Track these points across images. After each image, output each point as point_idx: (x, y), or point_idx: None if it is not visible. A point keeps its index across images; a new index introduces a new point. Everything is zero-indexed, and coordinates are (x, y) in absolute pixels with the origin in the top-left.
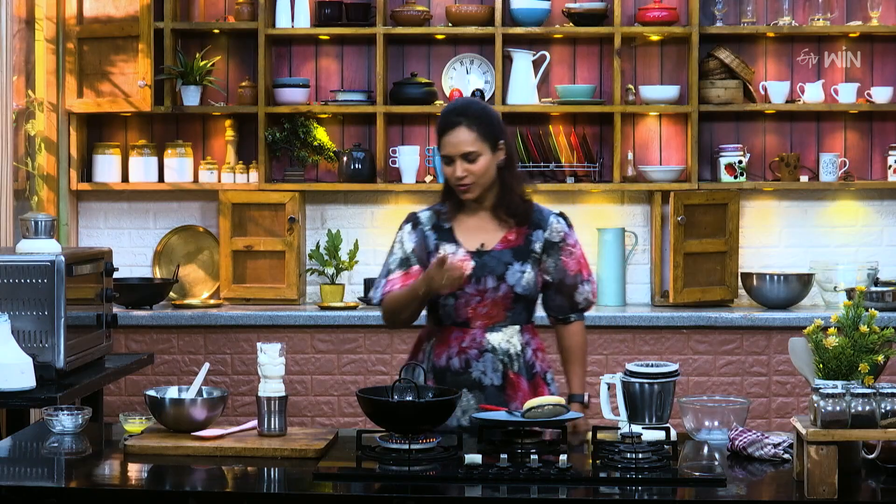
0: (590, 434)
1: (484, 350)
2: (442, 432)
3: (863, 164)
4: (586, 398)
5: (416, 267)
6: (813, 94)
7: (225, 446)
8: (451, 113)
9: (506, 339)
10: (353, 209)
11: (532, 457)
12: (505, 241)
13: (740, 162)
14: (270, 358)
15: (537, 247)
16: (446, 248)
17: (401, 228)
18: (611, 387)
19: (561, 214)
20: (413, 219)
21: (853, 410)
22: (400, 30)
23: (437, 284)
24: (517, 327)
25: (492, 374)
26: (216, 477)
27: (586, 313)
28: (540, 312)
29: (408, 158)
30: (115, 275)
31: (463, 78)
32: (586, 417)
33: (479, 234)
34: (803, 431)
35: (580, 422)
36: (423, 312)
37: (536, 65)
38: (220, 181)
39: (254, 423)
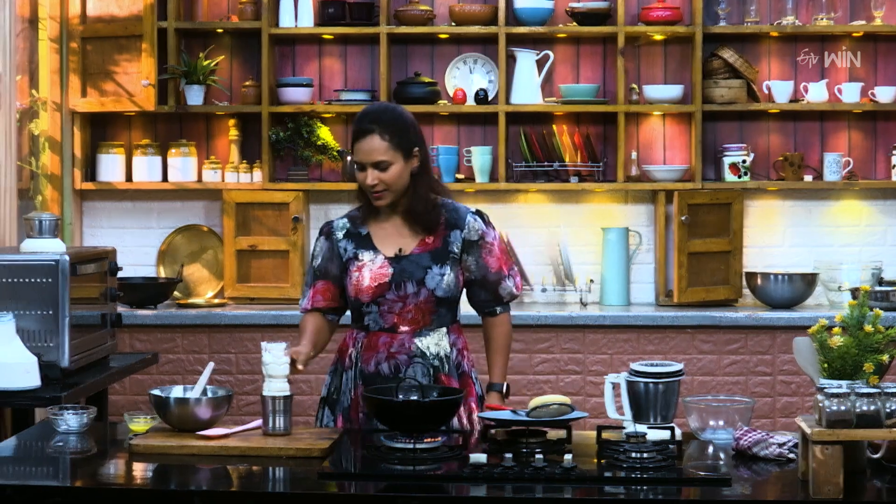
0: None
1: (413, 356)
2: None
3: (867, 164)
4: (505, 388)
5: (321, 283)
6: (817, 93)
7: (230, 445)
8: (364, 119)
9: (434, 342)
10: None
11: (537, 456)
12: (423, 245)
13: (744, 161)
14: (275, 357)
15: (455, 247)
16: (365, 256)
17: (318, 237)
18: (615, 386)
19: (478, 212)
20: (326, 229)
21: (858, 410)
22: (403, 29)
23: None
24: (444, 329)
25: (422, 379)
26: (221, 476)
27: (513, 304)
28: (466, 310)
29: None
30: (120, 274)
31: (466, 77)
32: (588, 418)
33: (395, 238)
34: (808, 431)
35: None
36: (347, 314)
37: (540, 64)
38: (223, 180)
39: (258, 422)
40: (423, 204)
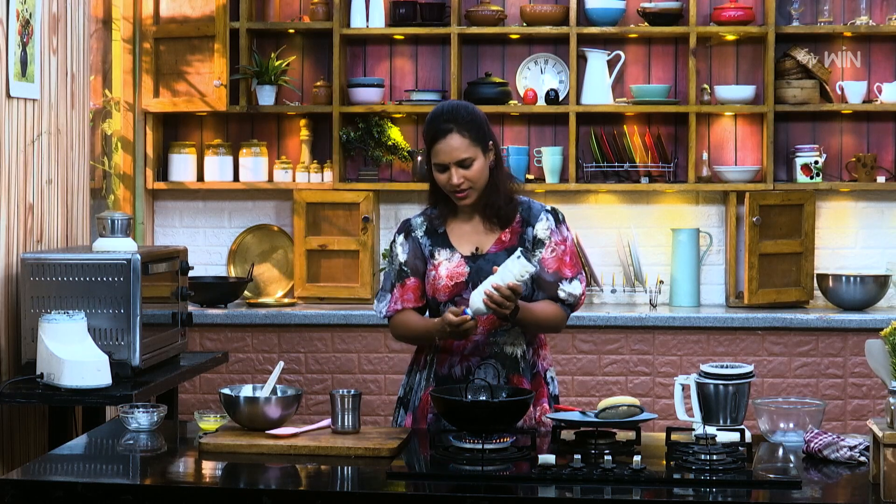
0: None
1: (487, 357)
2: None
3: None
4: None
5: (412, 280)
6: (890, 94)
7: (299, 445)
8: (439, 119)
9: (510, 341)
10: None
11: (606, 457)
12: (499, 243)
13: (816, 162)
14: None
15: (529, 245)
16: (441, 255)
17: (394, 238)
18: (685, 388)
19: (552, 210)
20: (405, 227)
21: None
22: (474, 29)
23: (448, 338)
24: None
25: (492, 380)
26: (290, 475)
27: (574, 312)
28: None
29: None
30: (190, 273)
31: (537, 78)
32: (657, 419)
33: (472, 237)
34: (879, 434)
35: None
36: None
37: (611, 64)
38: (294, 180)
39: (327, 421)
40: (503, 198)
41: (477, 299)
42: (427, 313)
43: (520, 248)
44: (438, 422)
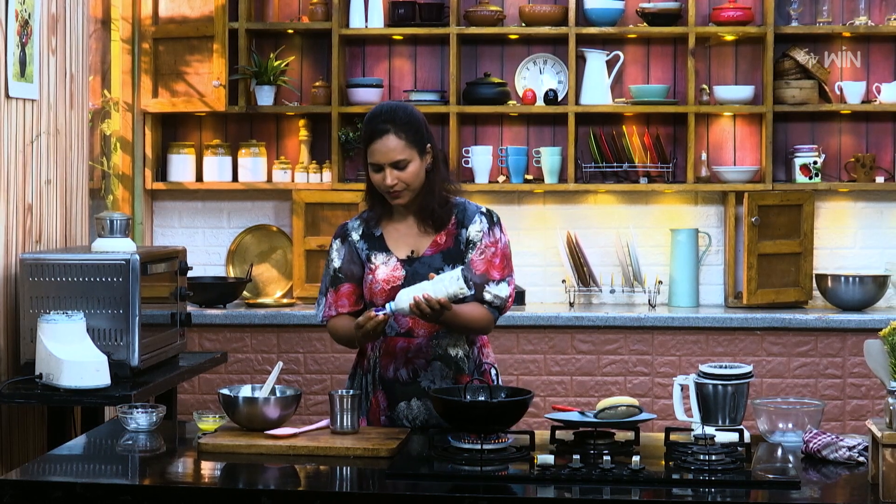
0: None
1: (432, 359)
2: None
3: None
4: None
5: (346, 286)
6: (889, 94)
7: (298, 445)
8: (377, 119)
9: (452, 342)
10: None
11: (605, 458)
12: (435, 246)
13: (815, 163)
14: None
15: (464, 246)
16: (378, 258)
17: (332, 242)
18: (684, 388)
19: (487, 212)
20: (342, 232)
21: None
22: (473, 30)
23: (363, 341)
24: None
25: (440, 382)
26: (289, 475)
27: (502, 315)
28: None
29: (481, 158)
30: (189, 274)
31: (536, 78)
32: (656, 419)
33: (408, 239)
34: (878, 434)
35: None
36: None
37: (610, 65)
38: (293, 181)
39: (326, 422)
40: (437, 201)
41: (404, 299)
42: None
43: (461, 269)
44: (392, 424)
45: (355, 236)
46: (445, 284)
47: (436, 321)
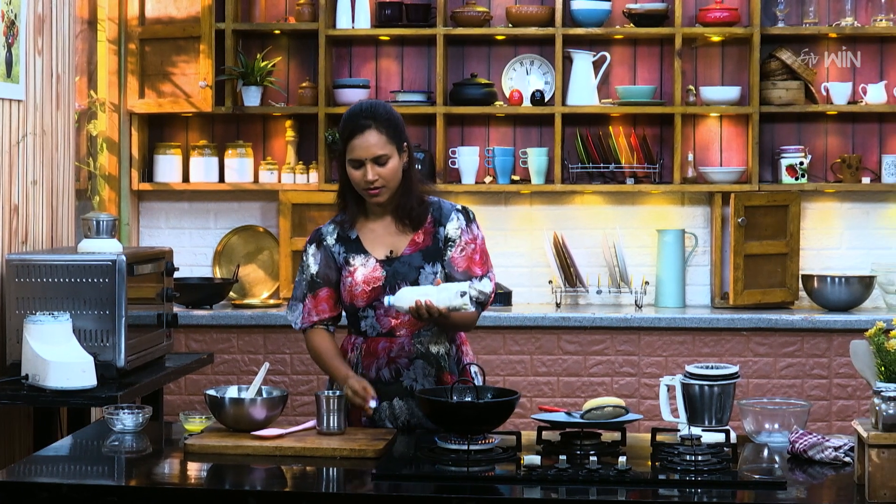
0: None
1: (414, 357)
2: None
3: None
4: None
5: (324, 290)
6: (875, 95)
7: (284, 446)
8: (358, 115)
9: (433, 340)
10: None
11: (591, 458)
12: (413, 244)
13: (801, 163)
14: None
15: (442, 244)
16: (356, 260)
17: (305, 248)
18: (670, 388)
19: (463, 209)
20: (316, 237)
21: None
22: (460, 30)
23: (342, 390)
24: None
25: (423, 381)
26: (275, 476)
27: (485, 311)
28: None
29: (467, 159)
30: (176, 274)
31: (523, 79)
32: (643, 420)
33: (385, 239)
34: (864, 434)
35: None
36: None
37: (597, 66)
38: (280, 181)
39: (313, 422)
40: (414, 199)
41: (406, 299)
42: (343, 319)
43: (469, 283)
44: (374, 424)
45: (330, 241)
46: (450, 296)
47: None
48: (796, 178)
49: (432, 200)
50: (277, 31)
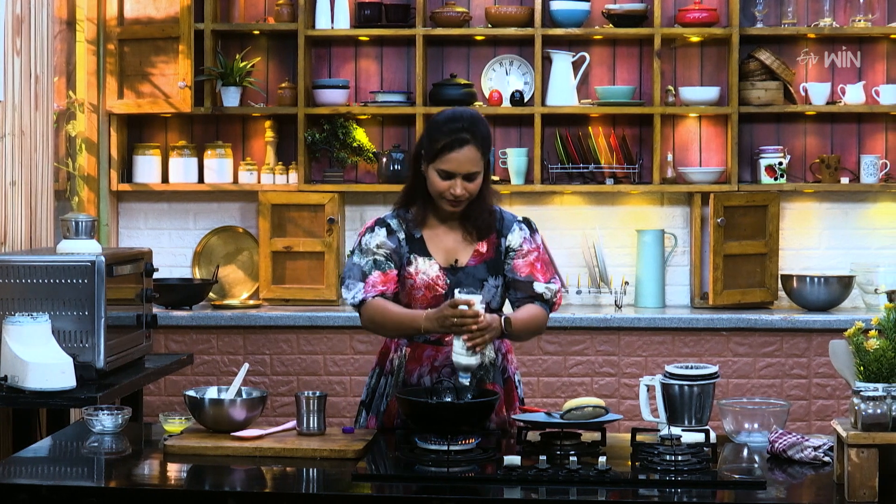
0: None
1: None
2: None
3: None
4: (505, 320)
5: (393, 271)
6: (854, 95)
7: (264, 446)
8: (460, 128)
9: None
10: None
11: (571, 458)
12: (477, 256)
13: (780, 164)
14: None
15: (503, 256)
16: (419, 262)
17: (371, 230)
18: (650, 389)
19: (525, 220)
20: (385, 223)
21: (894, 413)
22: (439, 31)
23: (442, 327)
24: None
25: (468, 391)
26: (255, 477)
27: (553, 312)
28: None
29: None
30: (155, 275)
31: (502, 79)
32: (623, 420)
33: (450, 245)
34: (844, 434)
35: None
36: None
37: (576, 66)
38: (259, 182)
39: (293, 423)
40: (485, 209)
41: (463, 359)
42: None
43: (480, 297)
44: (407, 427)
45: (401, 234)
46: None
47: (508, 329)
48: (775, 179)
49: (495, 210)
50: (256, 32)
